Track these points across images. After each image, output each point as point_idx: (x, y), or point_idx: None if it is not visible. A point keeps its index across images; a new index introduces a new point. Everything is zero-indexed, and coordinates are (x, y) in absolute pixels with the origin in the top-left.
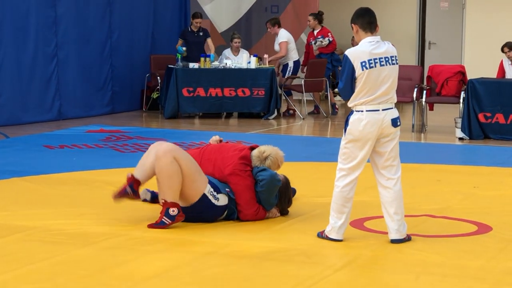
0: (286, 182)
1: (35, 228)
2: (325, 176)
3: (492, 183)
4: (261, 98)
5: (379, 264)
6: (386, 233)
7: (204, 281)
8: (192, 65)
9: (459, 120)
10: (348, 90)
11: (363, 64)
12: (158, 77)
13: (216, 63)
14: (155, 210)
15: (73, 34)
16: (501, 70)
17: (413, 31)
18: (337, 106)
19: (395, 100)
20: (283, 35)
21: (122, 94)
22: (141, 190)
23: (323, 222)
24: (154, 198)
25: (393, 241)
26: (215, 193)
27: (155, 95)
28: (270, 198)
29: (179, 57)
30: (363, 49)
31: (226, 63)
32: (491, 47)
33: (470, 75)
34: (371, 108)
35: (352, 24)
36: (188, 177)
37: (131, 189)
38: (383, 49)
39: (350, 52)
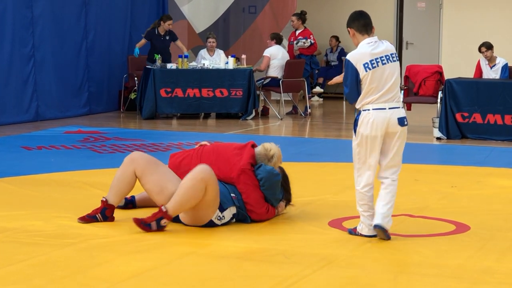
0: (283, 173)
1: (13, 229)
2: (303, 176)
3: (470, 182)
4: (239, 98)
5: (358, 264)
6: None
7: (183, 281)
8: (170, 65)
9: (437, 120)
10: (354, 94)
11: (366, 65)
12: (136, 78)
13: (193, 64)
14: (133, 213)
15: (50, 34)
16: (478, 70)
17: (391, 31)
18: (309, 110)
19: (401, 99)
20: (269, 49)
21: (99, 95)
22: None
23: (301, 222)
24: (127, 204)
25: (376, 226)
26: (221, 215)
27: (133, 95)
28: (275, 194)
29: (157, 58)
30: (363, 51)
31: (203, 64)
32: (468, 47)
33: (447, 75)
34: (378, 107)
35: (348, 28)
36: (208, 204)
37: (103, 215)
38: (382, 48)
39: (351, 56)
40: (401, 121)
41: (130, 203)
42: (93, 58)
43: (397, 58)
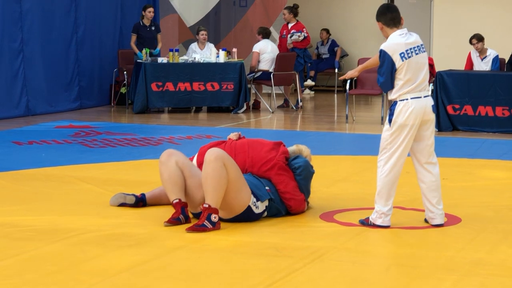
0: None
1: (4, 224)
2: None
3: (461, 174)
4: (230, 92)
5: (349, 256)
6: (356, 225)
7: (174, 275)
8: (161, 59)
9: None
10: (389, 83)
11: (402, 55)
12: (125, 72)
13: (184, 57)
14: (143, 212)
15: (39, 29)
16: (469, 62)
17: None
18: (300, 103)
19: (428, 87)
20: (257, 45)
21: (90, 89)
22: (116, 193)
23: (293, 215)
24: (138, 202)
25: (438, 226)
26: (256, 202)
27: (123, 90)
28: (308, 186)
29: (148, 52)
30: (398, 42)
31: (194, 58)
32: (458, 39)
33: (438, 67)
34: (415, 96)
35: (378, 21)
36: (235, 185)
37: (184, 215)
38: (414, 39)
39: (386, 47)
40: (433, 108)
41: (140, 201)
42: (83, 53)
43: (425, 49)
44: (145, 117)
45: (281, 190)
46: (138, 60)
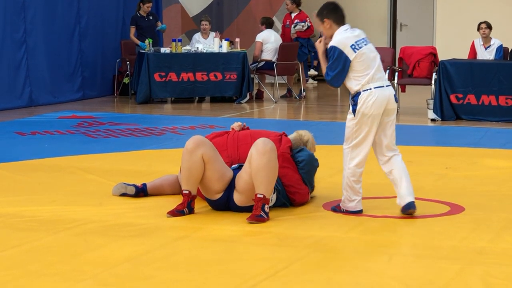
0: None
1: (7, 215)
2: None
3: (464, 163)
4: (233, 82)
5: (352, 246)
6: (359, 214)
7: (176, 265)
8: (164, 49)
9: (431, 102)
10: (340, 78)
11: (353, 47)
12: (128, 62)
13: (187, 48)
14: (144, 201)
15: (42, 19)
16: (473, 51)
17: (385, 13)
18: (303, 93)
19: (386, 77)
20: (260, 35)
21: (93, 80)
22: (117, 183)
23: (296, 206)
24: (139, 192)
25: (412, 203)
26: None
27: (126, 80)
28: (311, 179)
29: (151, 42)
30: (346, 36)
31: (197, 48)
32: (462, 28)
33: (441, 57)
34: (378, 85)
35: (325, 19)
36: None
37: (189, 208)
38: (357, 32)
39: (336, 43)
40: (396, 98)
41: (141, 192)
42: (86, 43)
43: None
44: (148, 108)
45: (285, 184)
46: (141, 51)
